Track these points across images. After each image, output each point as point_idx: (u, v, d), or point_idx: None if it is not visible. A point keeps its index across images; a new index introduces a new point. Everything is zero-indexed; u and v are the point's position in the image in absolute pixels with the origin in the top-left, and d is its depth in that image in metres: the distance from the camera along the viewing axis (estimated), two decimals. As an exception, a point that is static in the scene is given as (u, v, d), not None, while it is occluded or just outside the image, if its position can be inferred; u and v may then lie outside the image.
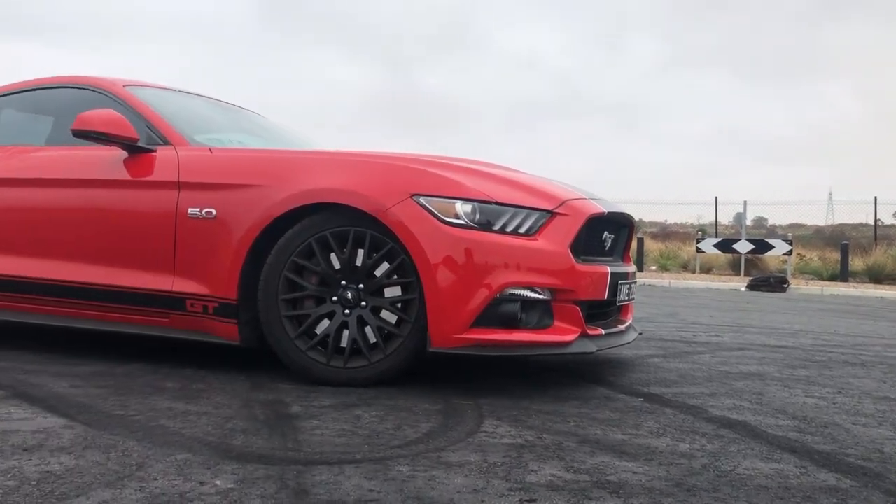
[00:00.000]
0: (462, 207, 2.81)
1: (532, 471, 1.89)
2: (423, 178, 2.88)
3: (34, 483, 1.69)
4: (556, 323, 2.85)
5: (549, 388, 3.00)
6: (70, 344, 3.70)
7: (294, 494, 1.67)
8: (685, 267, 18.39)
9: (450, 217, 2.79)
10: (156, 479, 1.74)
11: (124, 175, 3.26)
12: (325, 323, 2.92)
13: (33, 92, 3.86)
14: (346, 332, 2.89)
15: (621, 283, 3.20)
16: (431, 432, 2.23)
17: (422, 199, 2.81)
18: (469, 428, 2.30)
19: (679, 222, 28.65)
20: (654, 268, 18.06)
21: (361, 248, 2.89)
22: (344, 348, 2.88)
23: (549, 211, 2.90)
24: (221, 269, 3.02)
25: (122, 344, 3.73)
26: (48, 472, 1.77)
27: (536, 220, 2.87)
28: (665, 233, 26.51)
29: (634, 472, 1.91)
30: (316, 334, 2.91)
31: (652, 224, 27.08)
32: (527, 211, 2.87)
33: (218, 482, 1.73)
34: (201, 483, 1.72)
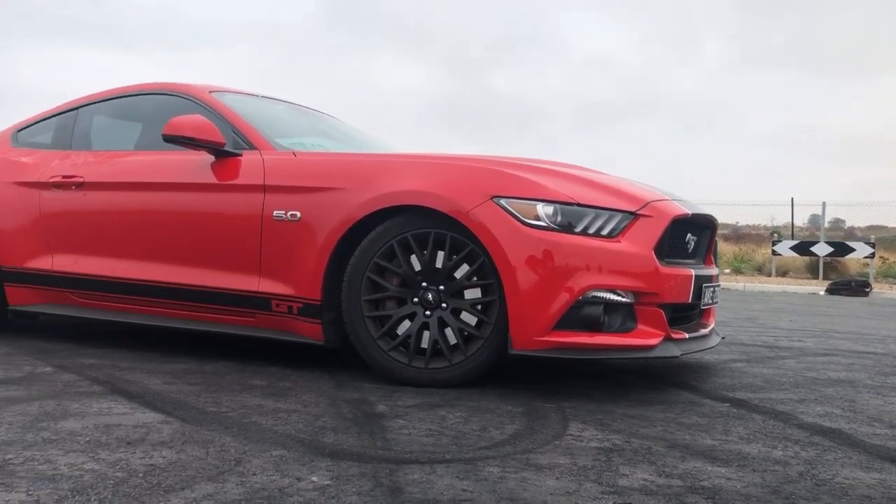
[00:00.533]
0: (543, 209, 2.80)
1: (623, 475, 1.88)
2: (503, 180, 2.89)
3: (141, 475, 1.76)
4: (640, 326, 2.82)
5: (630, 391, 2.97)
6: (158, 342, 3.83)
7: (389, 492, 1.69)
8: (760, 270, 17.92)
9: (531, 219, 2.79)
10: (254, 475, 1.79)
11: (211, 179, 3.36)
12: (406, 324, 2.95)
13: (123, 99, 4.01)
14: (426, 333, 2.91)
15: (705, 286, 3.15)
16: (517, 434, 2.24)
17: (502, 201, 2.81)
18: (555, 431, 2.29)
19: (751, 224, 27.90)
20: (727, 270, 17.65)
21: (442, 249, 2.91)
22: (425, 349, 2.91)
23: (632, 213, 2.87)
24: (306, 271, 3.08)
25: (208, 342, 3.83)
26: (153, 465, 1.84)
27: (619, 222, 2.84)
28: (737, 235, 25.87)
29: (728, 479, 1.88)
30: (397, 335, 2.94)
31: (724, 226, 26.45)
32: (609, 213, 2.85)
33: (314, 478, 1.77)
34: (298, 479, 1.76)
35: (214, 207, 3.34)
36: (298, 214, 3.12)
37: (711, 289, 3.27)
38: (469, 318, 2.89)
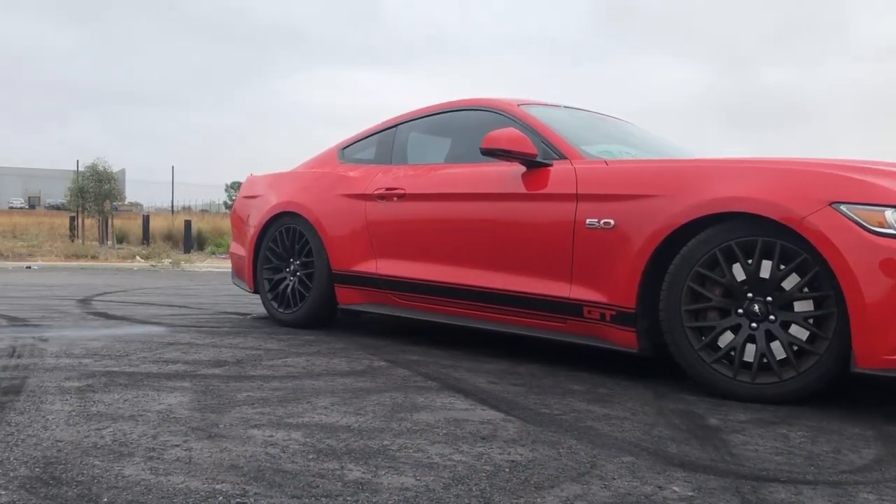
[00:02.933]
0: (892, 215, 2.57)
1: None
2: (843, 185, 2.68)
3: (507, 470, 1.88)
4: None
5: None
6: (466, 342, 4.05)
7: (760, 510, 1.65)
8: None
9: (877, 226, 2.56)
10: (614, 479, 1.83)
11: (523, 188, 3.49)
12: (728, 335, 2.85)
13: (436, 116, 4.31)
14: (751, 346, 2.80)
15: None
16: (880, 460, 2.07)
17: (843, 207, 2.62)
18: (921, 459, 2.09)
19: None
20: None
21: (768, 259, 2.78)
22: (747, 362, 2.79)
23: None
24: (619, 279, 3.09)
25: (511, 344, 3.99)
26: (513, 461, 1.95)
27: None
28: None
29: None
30: (719, 347, 2.85)
31: None
32: (973, 219, 2.54)
33: (676, 488, 1.77)
34: (660, 487, 1.77)
35: (526, 216, 3.47)
36: (612, 222, 3.14)
37: None
38: (800, 332, 2.73)
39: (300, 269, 4.54)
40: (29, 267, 12.39)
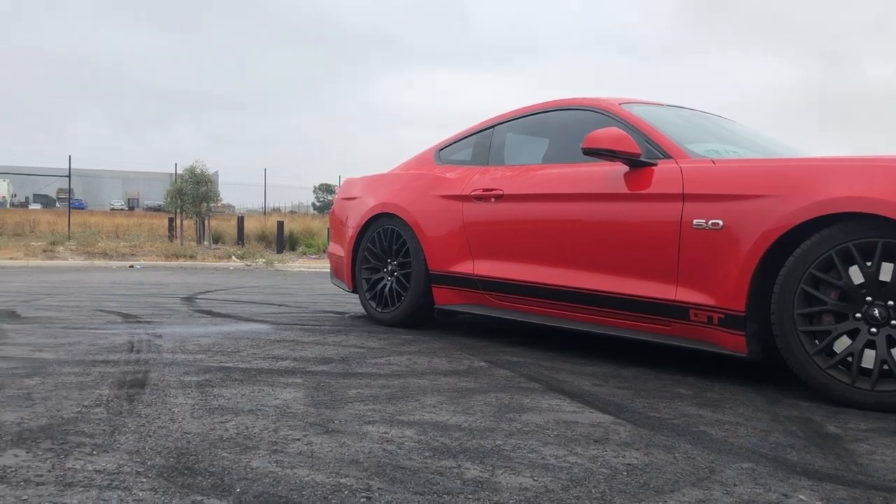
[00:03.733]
0: None
1: None
2: (974, 183, 2.55)
3: (625, 474, 1.86)
4: None
5: None
6: (565, 344, 4.04)
7: (896, 523, 1.59)
8: None
9: None
10: (735, 485, 1.79)
11: (625, 189, 3.45)
12: (845, 340, 2.75)
13: (534, 116, 4.31)
14: (870, 352, 2.69)
15: None
16: None
17: (973, 208, 2.49)
18: None
19: None
20: None
21: (889, 261, 2.66)
22: (866, 368, 2.68)
23: None
24: (728, 281, 3.02)
25: (608, 346, 3.94)
26: (629, 464, 1.94)
27: None
28: None
29: None
30: (835, 352, 2.75)
31: None
32: None
33: (802, 497, 1.72)
34: (785, 496, 1.73)
35: (629, 216, 3.43)
36: (721, 223, 3.07)
37: None
38: (926, 338, 2.60)
39: (398, 269, 4.61)
40: (132, 266, 12.98)
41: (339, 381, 2.87)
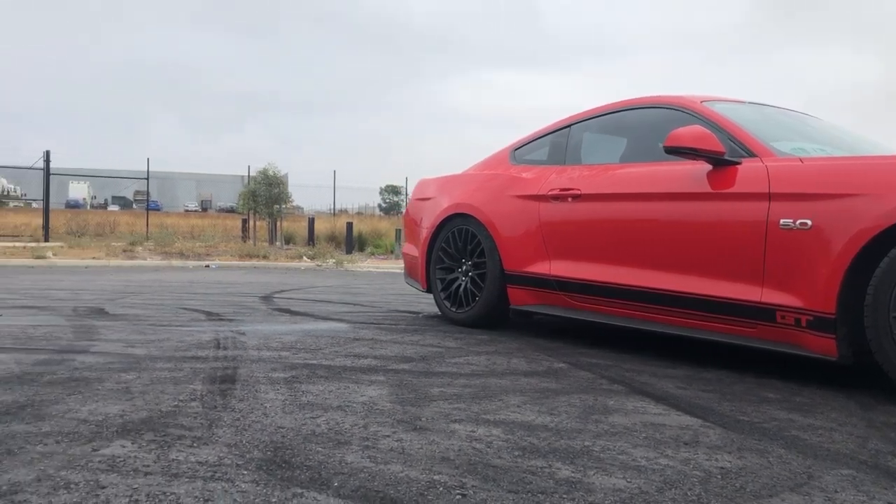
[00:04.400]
0: None
1: None
2: None
3: (719, 477, 1.83)
4: None
5: None
6: (641, 345, 3.99)
7: None
8: None
9: None
10: (836, 492, 1.75)
11: (709, 188, 3.39)
12: (945, 344, 2.64)
13: (612, 115, 4.27)
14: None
15: None
16: None
17: None
18: None
19: None
20: None
21: None
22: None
23: None
24: (818, 282, 2.94)
25: (685, 348, 3.88)
26: (723, 468, 1.91)
27: None
28: None
29: None
30: (933, 356, 2.65)
31: None
32: None
33: (909, 506, 1.67)
34: (890, 504, 1.68)
35: (711, 216, 3.36)
36: (809, 223, 2.99)
37: None
38: None
39: (472, 269, 4.63)
40: (208, 266, 13.34)
41: (421, 380, 2.90)
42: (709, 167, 3.42)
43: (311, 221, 20.26)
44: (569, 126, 4.45)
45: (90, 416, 2.23)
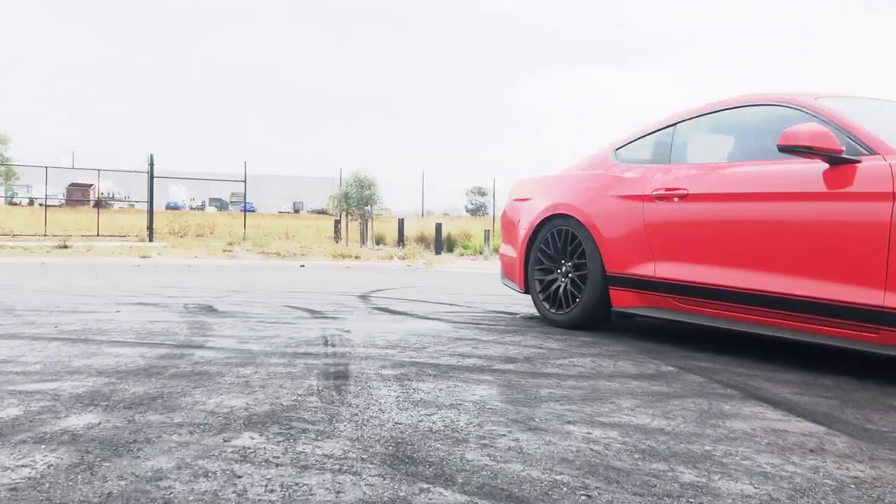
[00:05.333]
0: None
1: None
2: None
3: (853, 487, 1.77)
4: None
5: None
6: (748, 350, 3.87)
7: None
8: None
9: None
10: (984, 507, 1.66)
11: (825, 187, 3.26)
12: None
13: (719, 113, 4.16)
14: None
15: None
16: None
17: None
18: None
19: None
20: None
21: None
22: None
23: None
24: (948, 286, 2.79)
25: (796, 353, 3.74)
26: (856, 477, 1.84)
27: None
28: None
29: None
30: None
31: None
32: None
33: None
34: None
35: (829, 217, 3.24)
36: (939, 224, 2.84)
37: None
38: None
39: (572, 270, 4.60)
40: (303, 266, 13.70)
41: (529, 381, 2.90)
42: (825, 166, 3.29)
43: (401, 222, 20.52)
44: (674, 125, 4.36)
45: (217, 408, 2.32)
